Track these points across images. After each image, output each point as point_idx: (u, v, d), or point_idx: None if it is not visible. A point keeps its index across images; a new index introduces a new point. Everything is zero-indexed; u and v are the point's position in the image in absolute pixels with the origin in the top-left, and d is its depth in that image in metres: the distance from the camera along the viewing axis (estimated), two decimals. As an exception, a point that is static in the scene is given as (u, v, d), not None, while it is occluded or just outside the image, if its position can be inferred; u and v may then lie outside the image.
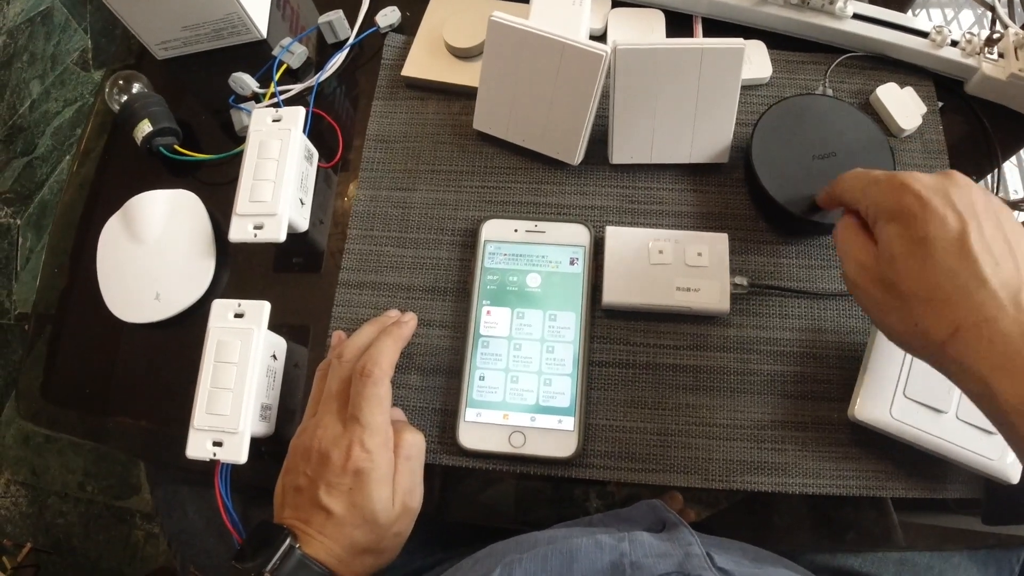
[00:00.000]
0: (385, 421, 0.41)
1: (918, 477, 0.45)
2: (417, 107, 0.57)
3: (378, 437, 0.40)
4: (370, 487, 0.39)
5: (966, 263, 0.33)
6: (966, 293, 0.32)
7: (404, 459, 0.42)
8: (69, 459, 1.21)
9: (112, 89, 0.58)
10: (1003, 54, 0.54)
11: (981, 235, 0.33)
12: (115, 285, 0.53)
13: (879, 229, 0.37)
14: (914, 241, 0.34)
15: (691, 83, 0.48)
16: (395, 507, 0.40)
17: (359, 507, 0.39)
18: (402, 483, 0.41)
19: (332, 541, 0.39)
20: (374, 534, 0.40)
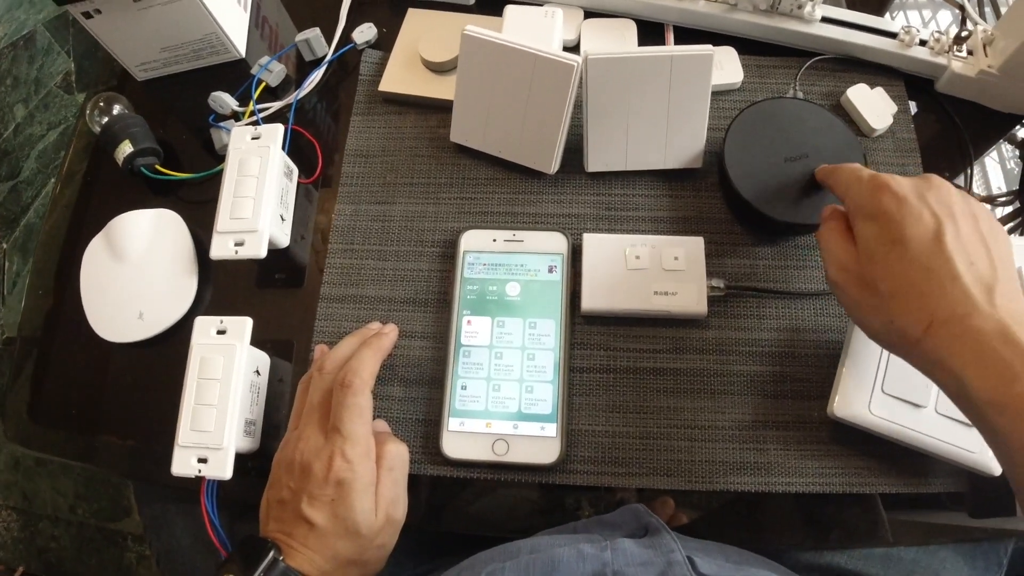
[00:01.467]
0: (366, 432, 0.41)
1: (901, 473, 0.45)
2: (395, 121, 0.58)
3: (359, 448, 0.40)
4: (352, 498, 0.39)
5: (940, 261, 0.34)
6: (940, 290, 0.33)
7: (387, 470, 0.42)
8: (60, 482, 1.21)
9: (93, 111, 0.59)
10: (972, 51, 0.55)
11: (956, 234, 0.34)
12: (99, 305, 0.53)
13: (858, 228, 0.38)
14: (891, 240, 0.35)
15: (662, 90, 0.48)
16: (378, 518, 0.40)
17: (341, 518, 0.39)
18: (385, 494, 0.41)
19: (315, 553, 0.39)
20: (357, 545, 0.40)
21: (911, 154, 0.54)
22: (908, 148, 0.55)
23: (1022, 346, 0.31)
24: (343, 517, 0.39)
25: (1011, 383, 0.31)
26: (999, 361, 0.31)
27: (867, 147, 0.54)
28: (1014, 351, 0.31)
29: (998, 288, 0.33)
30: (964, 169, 0.55)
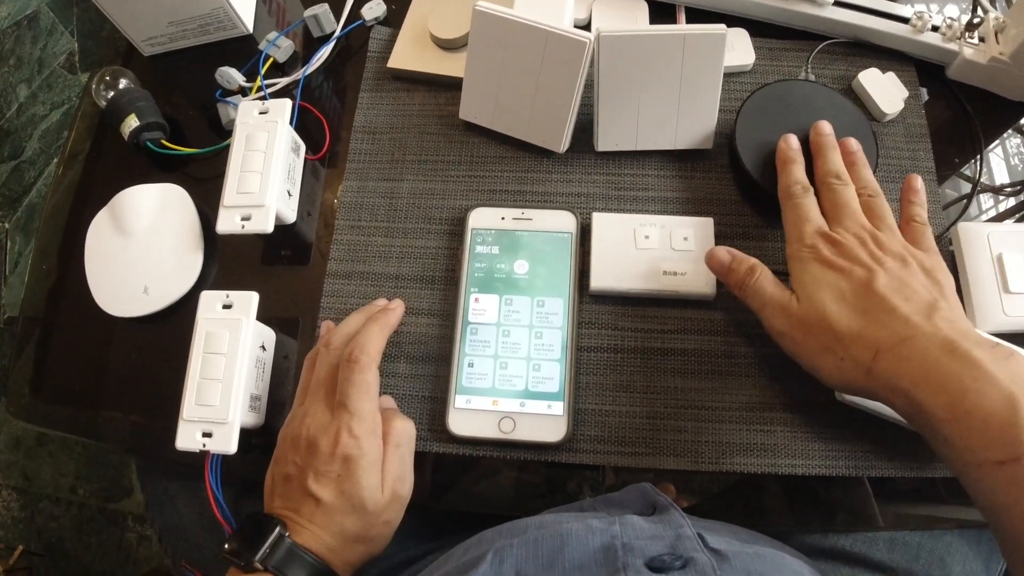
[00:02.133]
0: (373, 408, 0.41)
1: (907, 456, 0.45)
2: (403, 98, 0.57)
3: (366, 424, 0.40)
4: (358, 474, 0.39)
5: (875, 301, 0.38)
6: (880, 323, 0.37)
7: (394, 447, 0.42)
8: (61, 462, 1.21)
9: (99, 85, 0.58)
10: (983, 38, 0.55)
11: (888, 278, 0.39)
12: (103, 280, 0.53)
13: (796, 276, 0.42)
14: (829, 287, 0.40)
15: (674, 69, 0.48)
16: (384, 494, 0.40)
17: (348, 495, 0.39)
18: (392, 471, 0.41)
19: (322, 529, 0.39)
20: (364, 522, 0.40)
21: (921, 140, 0.54)
22: (918, 134, 0.54)
23: (967, 357, 0.34)
24: (349, 494, 0.39)
25: (962, 397, 0.33)
26: (947, 375, 0.34)
27: (878, 132, 0.54)
28: (960, 363, 0.34)
29: (938, 314, 0.37)
30: (974, 156, 0.54)
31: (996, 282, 0.47)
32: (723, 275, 0.45)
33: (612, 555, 0.34)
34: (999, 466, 0.32)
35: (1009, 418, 0.32)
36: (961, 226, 0.50)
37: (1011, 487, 0.32)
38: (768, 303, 0.42)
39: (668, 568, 0.32)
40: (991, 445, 0.33)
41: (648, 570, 0.32)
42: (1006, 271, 0.47)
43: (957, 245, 0.50)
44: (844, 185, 0.45)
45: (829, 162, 0.46)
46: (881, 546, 0.50)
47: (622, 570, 0.32)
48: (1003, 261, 0.48)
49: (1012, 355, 0.35)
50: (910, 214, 0.45)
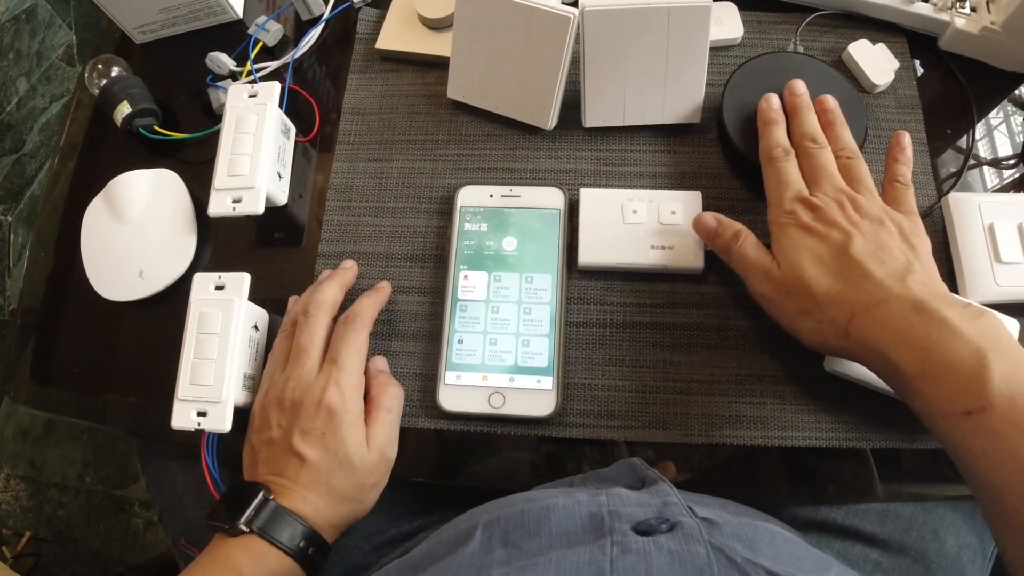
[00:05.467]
0: (360, 366, 0.42)
1: (897, 428, 0.45)
2: (392, 79, 0.57)
3: (352, 379, 0.41)
4: (343, 430, 0.40)
5: (851, 266, 0.39)
6: (857, 287, 0.38)
7: (385, 410, 0.42)
8: (67, 450, 1.22)
9: (91, 73, 0.59)
10: (975, 8, 0.54)
11: (863, 242, 0.40)
12: (99, 265, 0.53)
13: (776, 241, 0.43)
14: (808, 252, 0.40)
15: (660, 43, 0.48)
16: (371, 453, 0.41)
17: (333, 451, 0.40)
18: (381, 432, 0.42)
19: (307, 489, 0.39)
20: (351, 479, 0.40)
21: (913, 111, 0.54)
22: (910, 105, 0.54)
23: (936, 315, 0.35)
24: (334, 450, 0.40)
25: (930, 352, 0.34)
26: (917, 333, 0.35)
27: (868, 103, 0.54)
28: (929, 321, 0.35)
29: (911, 276, 0.38)
30: (967, 128, 0.54)
31: (988, 252, 0.47)
32: (710, 240, 0.46)
33: (599, 521, 0.34)
34: (967, 416, 0.33)
35: (975, 370, 0.33)
36: (952, 196, 0.50)
37: (978, 436, 0.33)
38: (751, 267, 0.43)
39: (655, 531, 0.32)
40: (958, 396, 0.34)
41: (635, 532, 0.32)
42: (997, 241, 0.47)
43: (948, 216, 0.50)
44: (820, 148, 0.45)
45: (805, 124, 0.46)
46: (873, 518, 0.50)
47: (608, 534, 0.32)
48: (994, 231, 0.47)
49: (983, 314, 0.36)
50: (894, 173, 0.45)
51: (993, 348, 0.34)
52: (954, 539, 0.50)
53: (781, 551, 0.34)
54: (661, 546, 0.31)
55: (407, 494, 0.53)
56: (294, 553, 0.39)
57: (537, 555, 0.32)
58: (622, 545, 0.31)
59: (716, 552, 0.30)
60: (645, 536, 0.32)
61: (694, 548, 0.31)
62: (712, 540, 0.31)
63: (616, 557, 0.30)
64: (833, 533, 0.50)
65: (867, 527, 0.50)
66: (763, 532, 0.35)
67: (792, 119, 0.47)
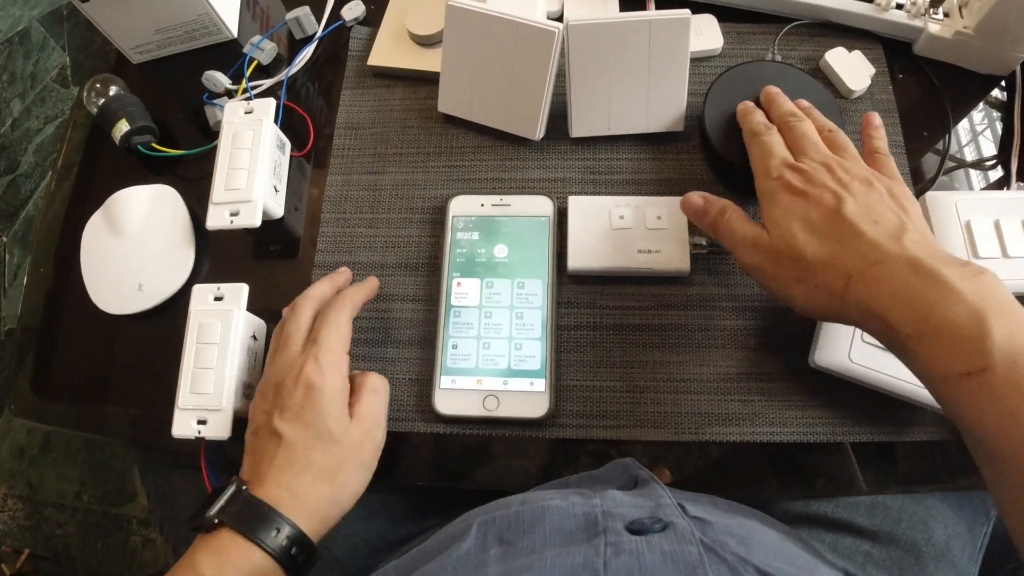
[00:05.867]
0: (341, 346, 0.42)
1: (884, 421, 0.46)
2: (384, 95, 0.59)
3: (332, 355, 0.41)
4: (322, 402, 0.39)
5: (844, 227, 0.38)
6: (849, 249, 0.37)
7: (371, 390, 0.43)
8: (65, 469, 1.22)
9: (90, 92, 0.60)
10: (948, 13, 0.56)
11: (855, 203, 0.38)
12: (99, 279, 0.54)
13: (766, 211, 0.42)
14: (798, 217, 0.40)
15: (642, 54, 0.50)
16: (355, 427, 0.41)
17: (310, 424, 0.39)
18: (368, 413, 0.42)
19: (282, 471, 0.38)
20: (330, 455, 0.39)
21: (890, 115, 0.55)
22: (887, 109, 0.56)
23: (933, 274, 0.34)
24: (312, 423, 0.39)
25: (928, 313, 0.34)
26: (914, 293, 0.34)
27: (846, 108, 0.55)
28: (926, 280, 0.34)
29: (906, 236, 0.37)
30: (944, 130, 0.56)
31: (966, 248, 0.49)
32: (697, 218, 0.46)
33: (592, 521, 0.35)
34: (966, 378, 0.32)
35: (975, 331, 0.32)
36: (929, 195, 0.51)
37: (978, 398, 0.32)
38: (740, 239, 0.42)
39: (648, 530, 0.33)
40: (957, 358, 0.33)
41: (628, 532, 0.33)
42: (975, 237, 0.48)
43: (926, 214, 0.51)
44: (801, 120, 0.45)
45: (782, 105, 0.47)
46: (862, 511, 0.51)
47: (602, 533, 0.33)
48: (971, 228, 0.49)
49: (982, 273, 0.35)
50: (872, 147, 0.45)
51: (993, 309, 0.33)
52: (943, 529, 0.51)
53: (772, 548, 0.35)
54: (654, 546, 0.31)
55: (407, 499, 0.54)
56: (273, 551, 0.37)
57: (532, 553, 0.32)
58: (615, 545, 0.32)
59: (708, 551, 0.31)
60: (638, 536, 0.32)
61: (686, 548, 0.31)
62: (704, 539, 0.32)
63: (610, 557, 0.31)
64: (824, 526, 0.51)
65: (857, 519, 0.51)
66: (754, 530, 0.36)
67: (770, 107, 0.48)
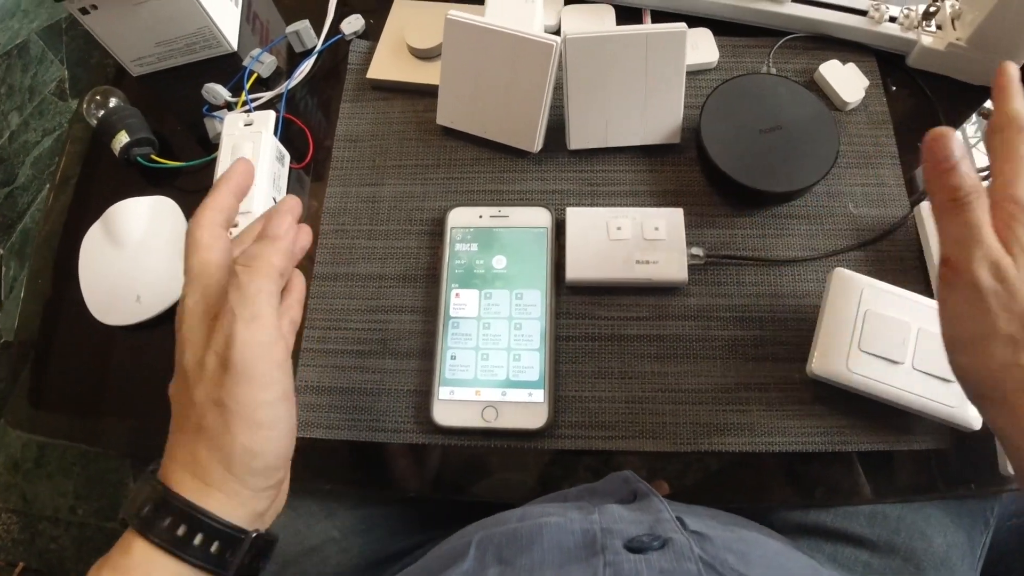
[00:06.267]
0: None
1: (882, 430, 0.47)
2: (383, 107, 0.59)
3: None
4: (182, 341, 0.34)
5: None
6: None
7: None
8: (59, 483, 1.21)
9: (90, 104, 0.60)
10: (940, 26, 0.57)
11: None
12: (97, 290, 0.54)
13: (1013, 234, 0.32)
14: None
15: (639, 67, 0.50)
16: (208, 361, 0.33)
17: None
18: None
19: (171, 443, 0.34)
20: (185, 394, 0.33)
21: (883, 126, 0.56)
22: (880, 121, 0.56)
23: None
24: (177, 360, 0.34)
25: None
26: None
27: (840, 120, 0.56)
28: None
29: None
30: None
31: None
32: (940, 170, 0.32)
33: (591, 538, 0.34)
34: None
35: None
36: (924, 205, 0.52)
37: None
38: (983, 242, 0.32)
39: (647, 548, 0.33)
40: None
41: (627, 551, 0.33)
42: (969, 247, 0.49)
43: (921, 224, 0.51)
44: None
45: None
46: (861, 520, 0.51)
47: (601, 551, 0.33)
48: (965, 238, 0.49)
49: None
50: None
51: None
52: (942, 538, 0.51)
53: (772, 562, 0.35)
54: (652, 564, 0.31)
55: (405, 512, 0.54)
56: (168, 543, 0.30)
57: (530, 572, 0.32)
58: (614, 565, 0.31)
59: (707, 568, 0.31)
60: (637, 554, 0.32)
61: (685, 565, 0.31)
62: (703, 556, 0.32)
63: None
64: (823, 536, 0.51)
65: (856, 529, 0.51)
66: (754, 544, 0.36)
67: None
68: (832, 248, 0.52)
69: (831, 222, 0.53)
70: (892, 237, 0.52)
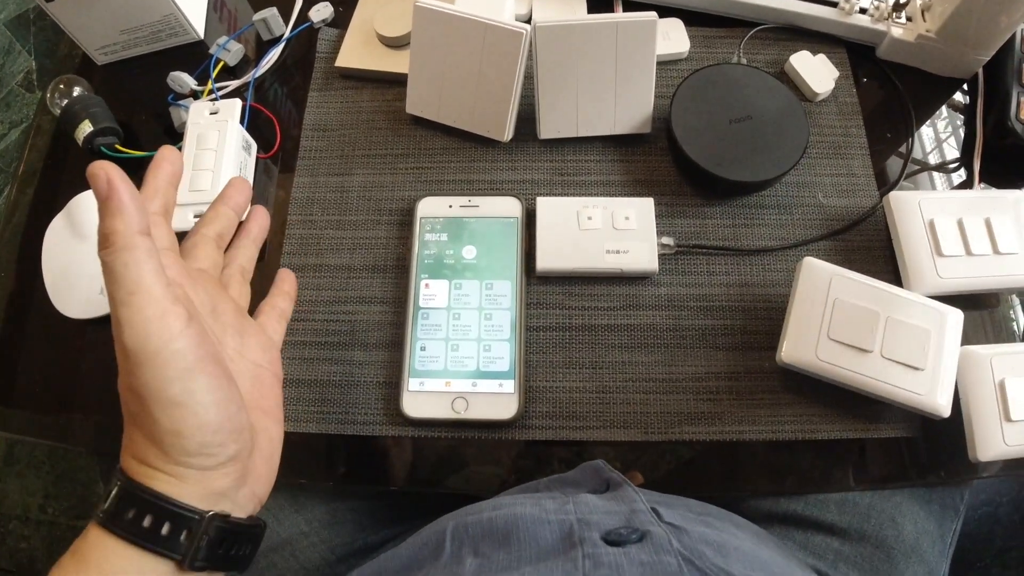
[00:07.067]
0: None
1: (852, 418, 0.47)
2: (352, 96, 0.58)
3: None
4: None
5: None
6: None
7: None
8: (28, 482, 1.19)
9: (53, 94, 0.59)
10: (911, 17, 0.57)
11: None
12: (60, 283, 0.53)
13: None
14: None
15: (609, 56, 0.50)
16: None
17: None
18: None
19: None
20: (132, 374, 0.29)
21: (853, 117, 0.56)
22: (850, 112, 0.57)
23: None
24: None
25: None
26: None
27: (810, 111, 0.56)
28: None
29: None
30: (907, 134, 0.57)
31: (929, 247, 0.49)
32: None
33: (567, 529, 0.34)
34: None
35: None
36: (893, 195, 0.52)
37: None
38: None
39: (625, 541, 0.33)
40: None
41: (605, 543, 0.33)
42: (938, 236, 0.49)
43: (890, 214, 0.52)
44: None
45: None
46: (831, 508, 0.51)
47: (579, 544, 0.32)
48: (935, 226, 0.49)
49: None
50: None
51: None
52: (912, 525, 0.51)
53: (748, 555, 0.35)
54: (632, 557, 0.31)
55: (374, 505, 0.54)
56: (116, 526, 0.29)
57: (508, 569, 0.32)
58: (593, 558, 0.31)
59: (686, 562, 0.31)
60: (616, 547, 0.32)
61: (665, 559, 0.31)
62: (682, 550, 0.32)
63: (589, 571, 0.30)
64: (794, 524, 0.51)
65: (827, 517, 0.51)
66: (730, 535, 0.36)
67: None
68: (802, 238, 0.52)
69: (800, 212, 0.53)
70: (861, 227, 0.52)
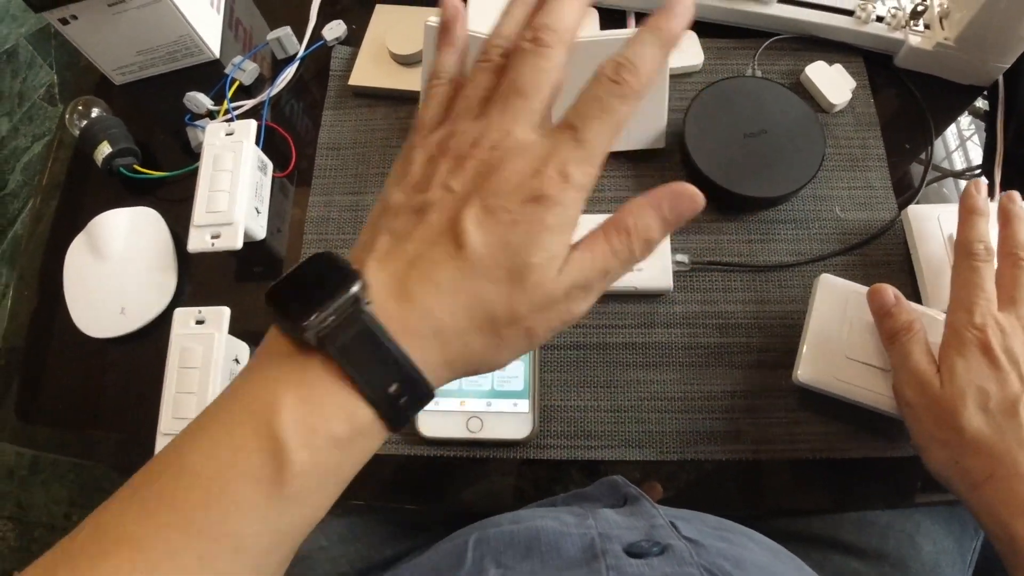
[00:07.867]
0: (606, 149, 0.28)
1: (868, 437, 0.46)
2: (366, 114, 0.59)
3: (591, 169, 0.27)
4: (543, 231, 0.26)
5: (1014, 426, 0.37)
6: (1007, 451, 0.36)
7: (616, 245, 0.28)
8: (54, 490, 1.21)
9: (72, 115, 0.60)
10: (928, 25, 0.56)
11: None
12: (82, 302, 0.54)
13: (950, 360, 0.39)
14: (978, 387, 0.38)
15: (622, 72, 0.50)
16: (559, 281, 0.26)
17: (511, 250, 0.25)
18: (583, 270, 0.27)
19: (438, 297, 0.25)
20: (509, 303, 0.26)
21: (871, 128, 0.56)
22: (868, 122, 0.56)
23: None
24: (514, 249, 0.25)
25: None
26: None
27: (827, 122, 0.55)
28: None
29: None
30: (926, 142, 0.56)
31: (948, 262, 0.48)
32: (880, 316, 0.43)
33: (588, 542, 0.34)
34: None
35: None
36: (911, 209, 0.51)
37: None
38: (911, 369, 0.40)
39: (646, 553, 0.33)
40: None
41: (627, 555, 0.33)
42: (957, 252, 0.48)
43: (908, 228, 0.51)
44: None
45: (1018, 235, 0.42)
46: (849, 527, 0.51)
47: (601, 556, 0.32)
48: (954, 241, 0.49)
49: None
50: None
51: None
52: (931, 545, 0.51)
53: (766, 569, 0.35)
54: (655, 568, 0.31)
55: (390, 520, 0.54)
56: (376, 399, 0.24)
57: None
58: (617, 569, 0.31)
59: (709, 575, 0.31)
60: (638, 559, 0.32)
61: (687, 570, 0.31)
62: (703, 563, 0.32)
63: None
64: (811, 544, 0.51)
65: (844, 536, 0.50)
66: (746, 551, 0.36)
67: (1006, 226, 0.43)
68: (819, 253, 0.51)
69: (818, 226, 0.52)
70: (879, 241, 0.52)
